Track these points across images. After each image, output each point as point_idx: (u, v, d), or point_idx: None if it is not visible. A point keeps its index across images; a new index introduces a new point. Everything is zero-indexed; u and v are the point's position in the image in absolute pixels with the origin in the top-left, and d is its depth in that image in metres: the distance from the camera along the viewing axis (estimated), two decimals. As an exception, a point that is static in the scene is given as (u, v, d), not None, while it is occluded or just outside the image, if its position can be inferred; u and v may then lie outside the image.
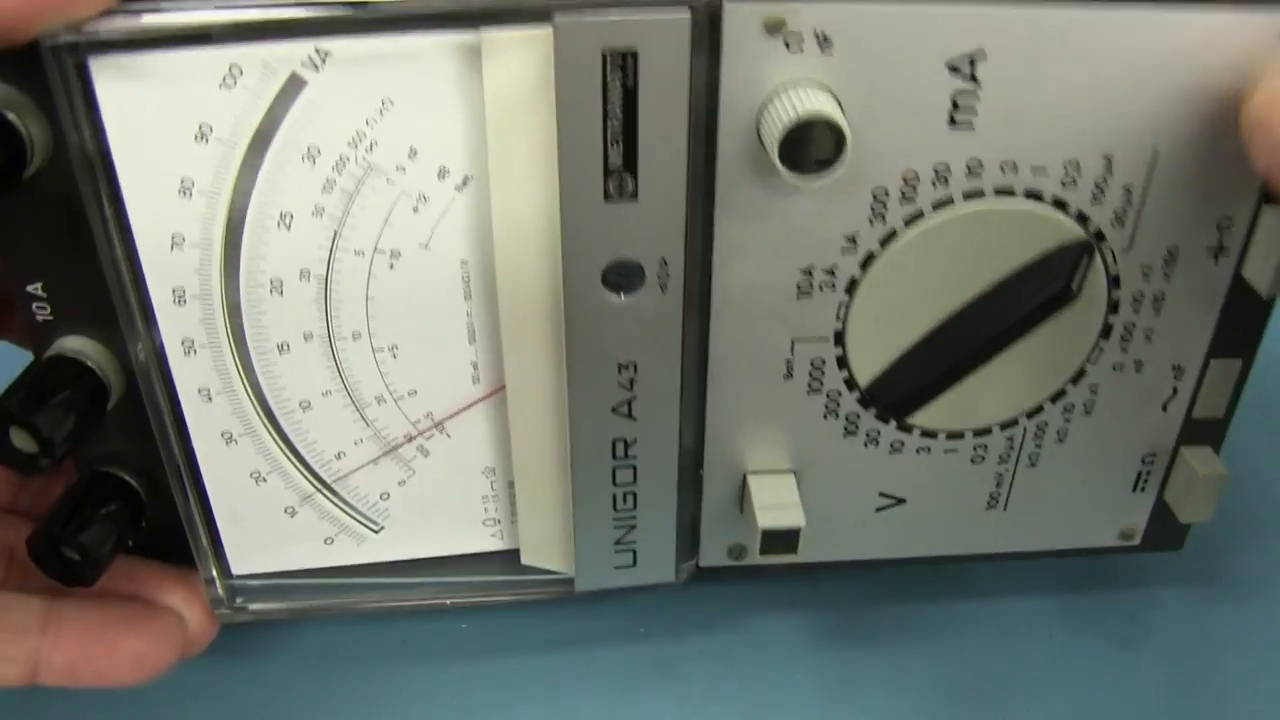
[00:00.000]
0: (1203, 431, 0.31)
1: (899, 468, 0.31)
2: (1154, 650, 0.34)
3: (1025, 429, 0.30)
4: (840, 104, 0.24)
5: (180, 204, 0.25)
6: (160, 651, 0.29)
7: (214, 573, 0.31)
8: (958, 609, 0.35)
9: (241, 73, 0.24)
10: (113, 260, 0.25)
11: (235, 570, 0.31)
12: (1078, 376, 0.30)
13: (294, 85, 0.24)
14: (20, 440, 0.26)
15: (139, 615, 0.29)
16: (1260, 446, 0.40)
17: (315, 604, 0.31)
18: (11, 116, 0.23)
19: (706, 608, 0.35)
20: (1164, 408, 0.30)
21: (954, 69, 0.24)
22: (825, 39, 0.24)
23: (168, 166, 0.25)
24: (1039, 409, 0.30)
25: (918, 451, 0.30)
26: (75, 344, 0.27)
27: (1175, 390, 0.30)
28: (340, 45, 0.24)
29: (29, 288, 0.27)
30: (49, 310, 0.27)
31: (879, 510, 0.32)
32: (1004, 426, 0.30)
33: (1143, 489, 0.32)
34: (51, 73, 0.23)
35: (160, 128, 0.24)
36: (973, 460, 0.31)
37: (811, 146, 0.24)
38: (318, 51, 0.24)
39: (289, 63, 0.24)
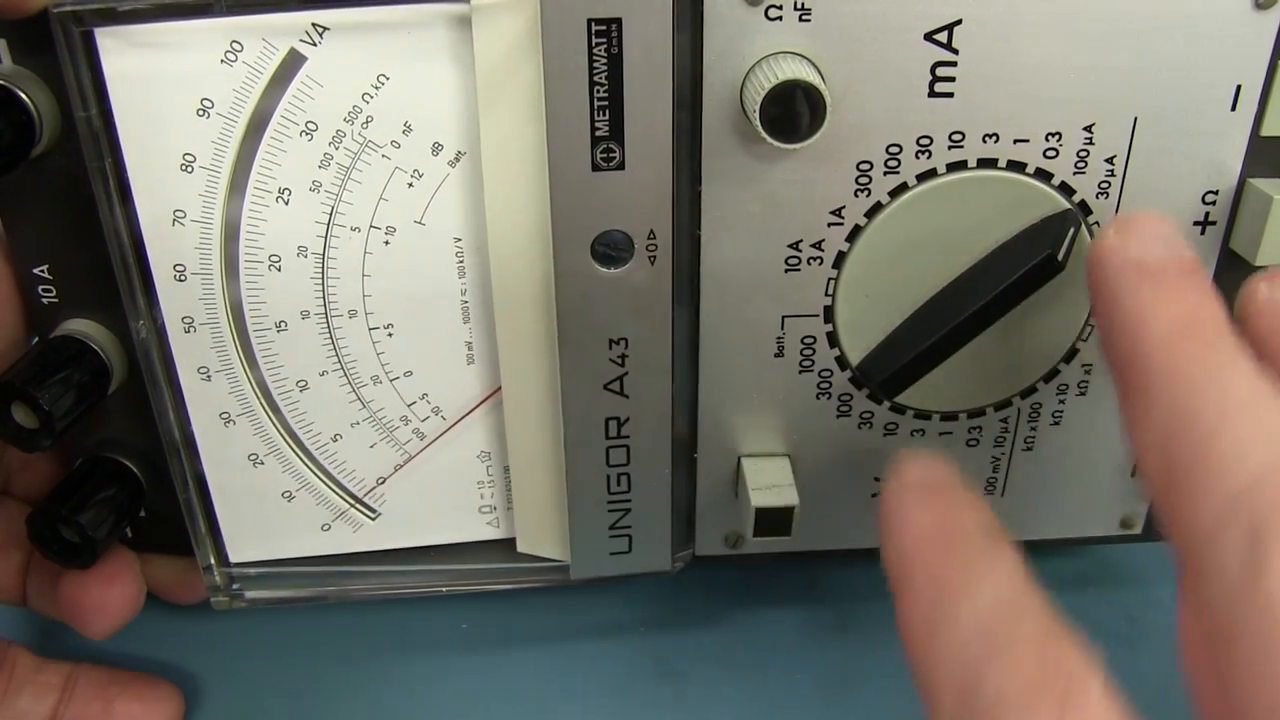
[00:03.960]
0: (1199, 413, 0.31)
1: (894, 451, 0.31)
2: (1154, 650, 0.33)
3: (1020, 410, 0.30)
4: (821, 73, 0.25)
5: (182, 179, 0.26)
6: (152, 718, 0.30)
7: (211, 560, 0.31)
8: (961, 607, 0.34)
9: (242, 48, 0.25)
10: (116, 236, 0.26)
11: (233, 557, 0.31)
12: (1070, 355, 0.30)
13: (293, 60, 0.25)
14: (22, 416, 0.27)
15: (140, 681, 0.31)
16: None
17: (311, 591, 0.31)
18: (21, 93, 0.24)
19: (706, 605, 0.35)
20: (1159, 387, 0.30)
21: (932, 38, 0.25)
22: (804, 9, 0.24)
23: (170, 141, 0.26)
24: (1032, 389, 0.30)
25: (912, 434, 0.30)
26: (79, 326, 0.28)
27: (1169, 369, 0.30)
28: (338, 18, 0.25)
29: (35, 270, 0.27)
30: (54, 293, 0.28)
31: (875, 496, 0.32)
32: (998, 408, 0.30)
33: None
34: (59, 43, 0.24)
35: (164, 102, 0.25)
36: (968, 444, 0.31)
37: (793, 111, 0.24)
38: (315, 26, 0.25)
39: (288, 38, 0.25)
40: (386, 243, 0.27)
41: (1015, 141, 0.26)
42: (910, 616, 0.21)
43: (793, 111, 0.24)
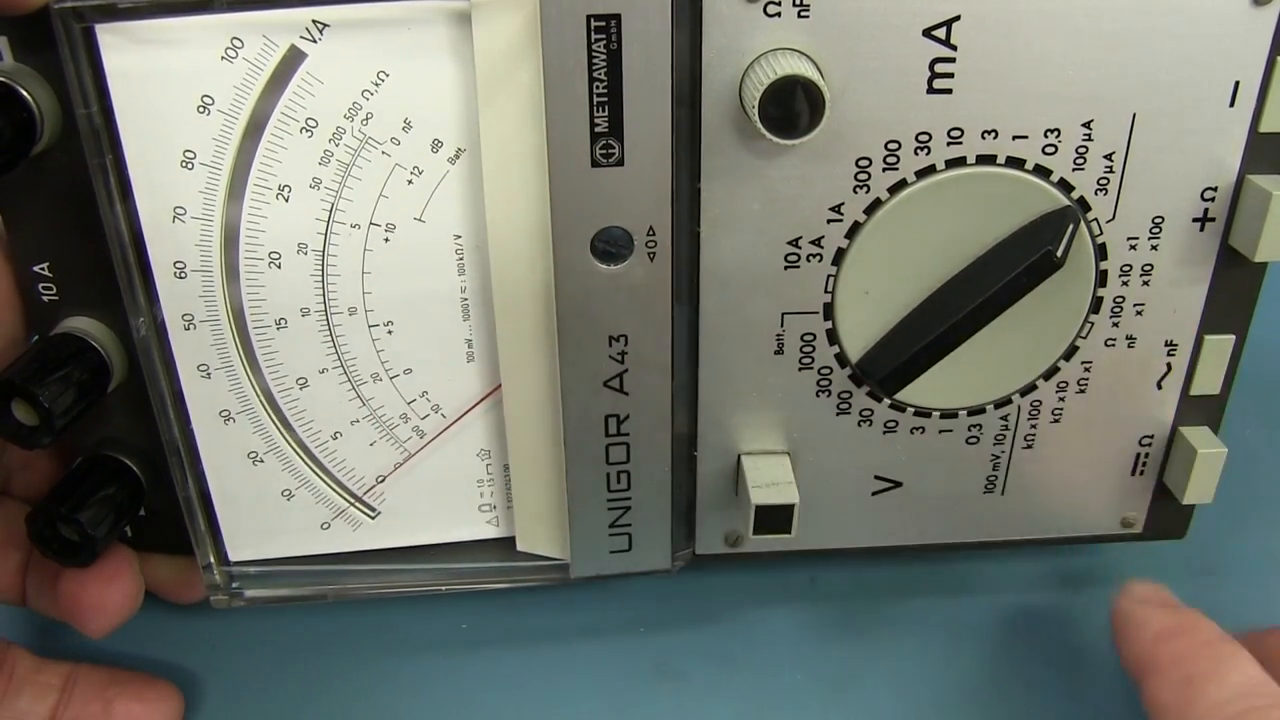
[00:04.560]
0: (1200, 410, 0.31)
1: (894, 449, 0.31)
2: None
3: (1020, 408, 0.30)
4: (820, 69, 0.25)
5: (182, 176, 0.26)
6: (152, 718, 0.30)
7: (211, 559, 0.31)
8: (958, 607, 0.34)
9: (242, 44, 0.25)
10: (117, 234, 0.26)
11: (232, 556, 0.31)
12: (1070, 352, 0.30)
13: (293, 57, 0.25)
14: (22, 413, 0.27)
15: (140, 681, 0.30)
16: (1260, 442, 0.39)
17: (311, 590, 0.31)
18: (22, 90, 0.24)
19: (706, 605, 0.35)
20: (1159, 385, 0.30)
21: (931, 34, 0.25)
22: (803, 5, 0.25)
23: (171, 138, 0.26)
24: (1032, 387, 0.30)
25: (912, 432, 0.30)
26: (80, 324, 0.28)
27: (1169, 366, 0.30)
28: (338, 15, 0.25)
29: (35, 267, 0.27)
30: (54, 290, 0.28)
31: (875, 494, 0.31)
32: (998, 405, 0.30)
33: (1141, 473, 0.32)
34: (60, 40, 0.24)
35: (164, 99, 0.25)
36: (968, 441, 0.31)
37: (791, 107, 0.24)
38: (315, 23, 0.25)
39: (288, 34, 0.25)
40: (386, 240, 0.27)
41: (1014, 138, 0.26)
42: (1161, 693, 0.26)
43: (792, 108, 0.24)
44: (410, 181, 0.27)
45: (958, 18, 0.25)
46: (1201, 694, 0.25)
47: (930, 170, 0.27)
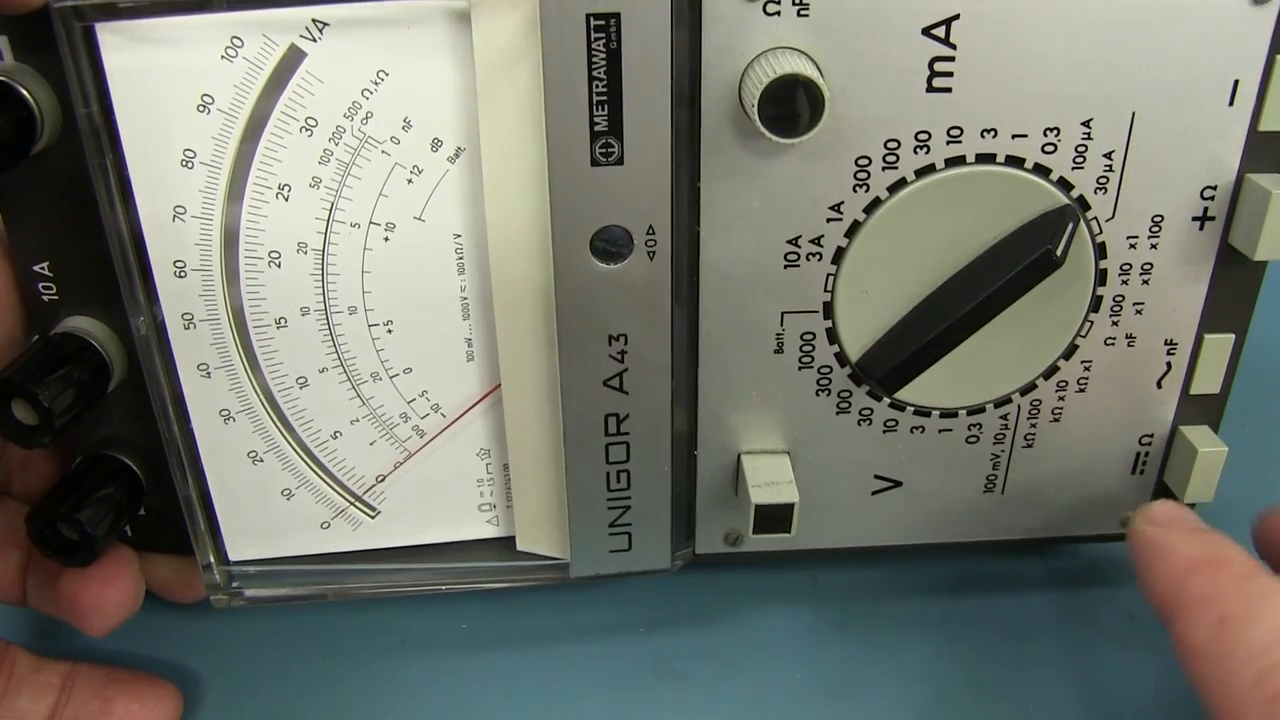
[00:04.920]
0: (1200, 409, 0.31)
1: (894, 448, 0.31)
2: (1154, 650, 0.33)
3: (1019, 407, 0.30)
4: (819, 68, 0.25)
5: (182, 175, 0.26)
6: (151, 717, 0.30)
7: (211, 558, 0.31)
8: (958, 608, 0.34)
9: (242, 44, 0.25)
10: (117, 233, 0.26)
11: (232, 556, 0.31)
12: (1070, 351, 0.30)
13: (293, 56, 0.25)
14: (21, 412, 0.27)
15: (139, 680, 0.30)
16: (1260, 441, 0.39)
17: (311, 590, 0.31)
18: (22, 89, 0.24)
19: (706, 605, 0.35)
20: (1159, 384, 0.30)
21: (930, 33, 0.25)
22: (802, 4, 0.25)
23: (171, 137, 0.26)
24: (1032, 386, 0.30)
25: (912, 431, 0.30)
26: (80, 324, 0.28)
27: (1169, 365, 0.30)
28: (337, 14, 0.25)
29: (35, 267, 0.27)
30: (54, 290, 0.28)
31: (875, 494, 0.31)
32: (998, 405, 0.30)
33: (1141, 472, 0.32)
34: (60, 39, 0.24)
35: (164, 98, 0.25)
36: (968, 440, 0.31)
37: (791, 106, 0.24)
38: (315, 22, 0.25)
39: (288, 34, 0.25)
40: (386, 239, 0.27)
41: (1013, 136, 0.26)
42: (1194, 635, 0.24)
43: (791, 107, 0.24)
44: (410, 181, 0.27)
45: (957, 16, 0.25)
46: (1239, 638, 0.23)
47: (930, 169, 0.27)
